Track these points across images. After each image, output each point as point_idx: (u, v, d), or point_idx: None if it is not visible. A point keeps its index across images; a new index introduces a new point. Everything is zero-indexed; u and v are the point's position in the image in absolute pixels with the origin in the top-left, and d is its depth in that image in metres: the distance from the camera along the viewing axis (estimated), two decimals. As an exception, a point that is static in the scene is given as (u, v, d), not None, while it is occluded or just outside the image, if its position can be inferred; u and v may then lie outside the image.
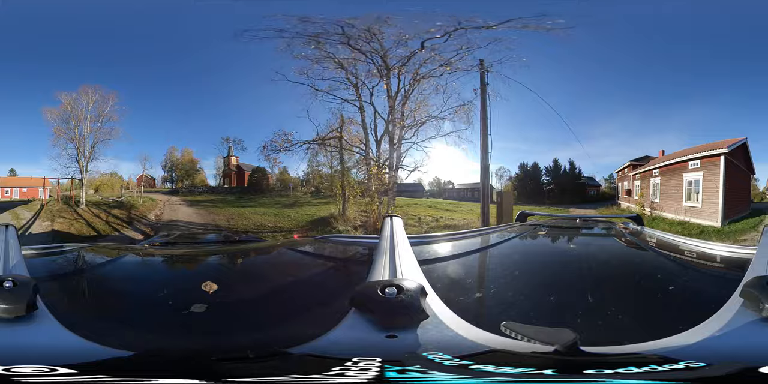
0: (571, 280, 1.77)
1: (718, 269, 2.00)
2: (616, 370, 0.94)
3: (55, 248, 2.41)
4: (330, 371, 0.97)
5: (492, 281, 1.73)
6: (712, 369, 0.94)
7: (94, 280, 1.92)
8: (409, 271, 1.36)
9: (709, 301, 1.22)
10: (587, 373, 0.94)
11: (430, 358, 1.00)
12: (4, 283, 1.15)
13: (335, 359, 1.01)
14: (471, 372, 0.95)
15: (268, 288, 1.80)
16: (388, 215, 1.85)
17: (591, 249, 2.51)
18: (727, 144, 9.38)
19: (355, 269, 1.98)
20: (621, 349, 1.04)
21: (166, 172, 19.10)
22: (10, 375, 0.92)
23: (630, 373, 0.94)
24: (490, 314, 1.35)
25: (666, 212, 10.28)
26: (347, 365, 0.97)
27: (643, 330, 1.19)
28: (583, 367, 0.95)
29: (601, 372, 0.94)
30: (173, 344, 1.25)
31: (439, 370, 0.95)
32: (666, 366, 0.95)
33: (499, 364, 0.97)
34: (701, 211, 9.43)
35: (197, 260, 2.54)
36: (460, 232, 2.98)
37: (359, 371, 0.96)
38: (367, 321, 1.11)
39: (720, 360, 0.96)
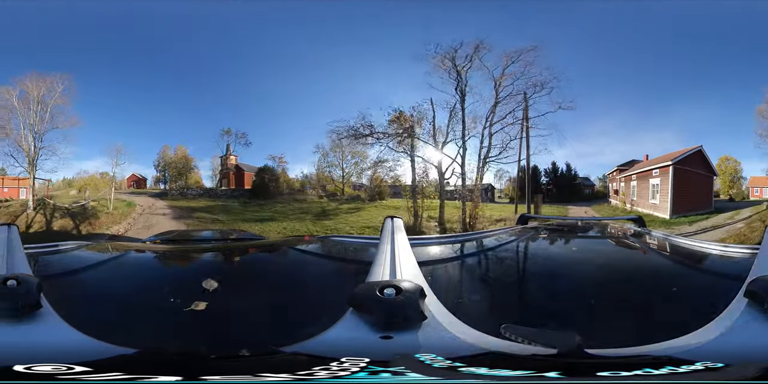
0: (572, 282, 1.77)
1: (721, 270, 1.99)
2: (634, 371, 0.93)
3: (57, 247, 2.42)
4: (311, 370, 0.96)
5: (492, 284, 1.73)
6: (732, 370, 0.93)
7: (96, 277, 1.94)
8: (409, 273, 1.36)
9: (714, 301, 1.21)
10: (601, 375, 0.93)
11: (421, 359, 0.99)
12: (8, 282, 1.16)
13: (324, 359, 1.00)
14: (459, 375, 0.94)
15: (268, 286, 1.81)
16: (389, 216, 1.86)
17: (593, 251, 2.51)
18: (674, 156, 12.05)
19: (354, 269, 1.99)
20: (628, 352, 1.03)
21: (159, 172, 17.24)
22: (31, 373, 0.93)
23: (649, 375, 0.93)
24: (489, 316, 1.35)
25: (639, 207, 13.29)
26: (332, 365, 0.97)
27: (648, 332, 1.18)
28: (593, 370, 0.94)
29: (617, 374, 0.92)
30: (174, 342, 1.26)
31: (425, 372, 0.94)
32: (683, 367, 0.94)
33: (495, 367, 0.96)
34: (659, 207, 12.48)
35: (198, 258, 2.55)
36: (460, 234, 2.99)
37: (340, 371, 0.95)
38: (365, 321, 1.11)
39: (730, 360, 0.95)
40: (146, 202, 15.14)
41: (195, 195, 16.11)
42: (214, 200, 15.89)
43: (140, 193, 16.43)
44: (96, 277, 1.94)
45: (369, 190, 16.46)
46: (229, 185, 16.86)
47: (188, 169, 16.90)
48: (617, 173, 15.66)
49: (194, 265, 2.39)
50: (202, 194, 16.28)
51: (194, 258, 2.57)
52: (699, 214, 12.20)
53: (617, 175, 15.66)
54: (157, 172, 17.29)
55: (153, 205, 14.73)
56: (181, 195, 16.09)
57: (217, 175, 17.19)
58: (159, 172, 17.25)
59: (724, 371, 0.93)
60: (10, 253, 1.57)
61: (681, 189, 12.05)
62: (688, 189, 12.16)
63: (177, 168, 16.80)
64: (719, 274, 1.93)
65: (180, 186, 16.61)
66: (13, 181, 14.61)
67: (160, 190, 16.95)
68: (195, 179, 17.09)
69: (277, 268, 2.31)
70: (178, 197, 15.92)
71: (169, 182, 17.03)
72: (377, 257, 1.48)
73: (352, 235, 2.74)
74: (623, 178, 15.16)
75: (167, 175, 17.07)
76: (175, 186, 16.66)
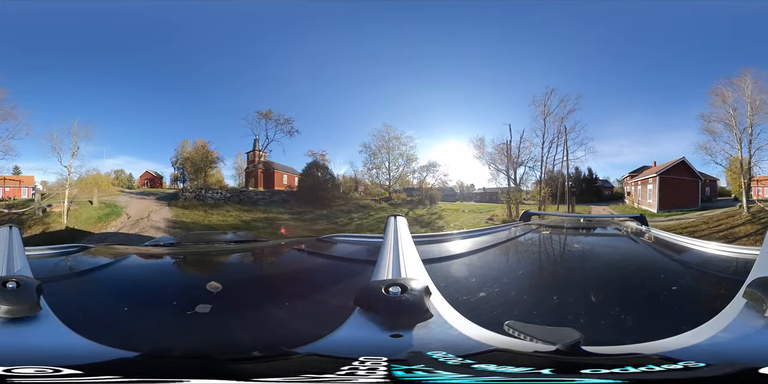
0: (574, 279, 1.78)
1: (722, 270, 1.99)
2: (612, 370, 0.94)
3: (59, 249, 2.42)
4: (339, 371, 0.96)
5: (496, 280, 1.72)
6: (710, 369, 0.93)
7: (98, 280, 1.93)
8: (414, 271, 1.36)
9: (713, 301, 1.22)
10: (584, 373, 0.94)
11: (434, 357, 1.00)
12: (8, 284, 1.15)
13: (342, 359, 1.00)
14: (474, 371, 0.95)
15: (272, 287, 1.80)
16: (392, 215, 1.85)
17: (594, 249, 2.51)
18: (658, 168, 16.56)
19: (359, 268, 1.98)
20: (622, 349, 1.04)
21: (176, 170, 14.18)
22: (11, 376, 0.92)
23: (626, 373, 0.94)
24: (494, 313, 1.35)
25: (642, 206, 17.15)
26: (355, 365, 0.97)
27: (647, 330, 1.19)
28: (580, 367, 0.95)
29: (597, 372, 0.94)
30: (178, 345, 1.25)
31: (444, 369, 0.95)
32: (664, 366, 0.95)
33: (500, 363, 0.97)
34: (653, 205, 16.47)
35: (201, 261, 2.55)
36: (464, 232, 2.98)
37: (368, 370, 0.95)
38: (372, 320, 1.11)
39: (721, 360, 0.96)
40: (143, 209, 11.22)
41: (218, 198, 11.78)
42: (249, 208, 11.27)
43: (151, 194, 13.34)
44: (97, 280, 1.93)
45: (420, 193, 15.60)
46: (256, 185, 13.51)
47: (208, 164, 13.38)
48: (629, 178, 19.17)
49: (197, 268, 2.39)
50: (228, 198, 12.02)
51: (197, 261, 2.56)
52: (681, 210, 15.96)
53: (629, 180, 19.17)
54: (174, 169, 14.37)
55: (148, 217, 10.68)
56: (198, 199, 11.89)
57: (241, 173, 14.00)
58: (176, 169, 14.29)
59: (700, 370, 0.94)
60: (10, 255, 1.56)
61: (668, 192, 16.17)
62: (675, 192, 16.28)
63: (195, 164, 13.33)
64: (720, 273, 1.93)
65: (197, 186, 12.65)
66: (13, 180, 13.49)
67: (176, 189, 13.79)
68: (217, 178, 13.89)
69: (282, 269, 2.30)
70: (194, 202, 11.65)
71: (187, 181, 13.81)
72: (381, 256, 1.48)
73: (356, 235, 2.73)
74: (633, 183, 18.71)
75: (185, 173, 13.99)
76: (192, 186, 12.90)
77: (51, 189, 12.81)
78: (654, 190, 16.49)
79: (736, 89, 13.87)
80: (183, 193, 12.20)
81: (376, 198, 14.83)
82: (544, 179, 16.63)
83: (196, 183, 12.94)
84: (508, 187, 16.38)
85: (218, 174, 13.75)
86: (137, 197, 12.58)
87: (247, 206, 11.31)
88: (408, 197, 15.53)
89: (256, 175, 13.52)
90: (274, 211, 11.10)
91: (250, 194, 11.83)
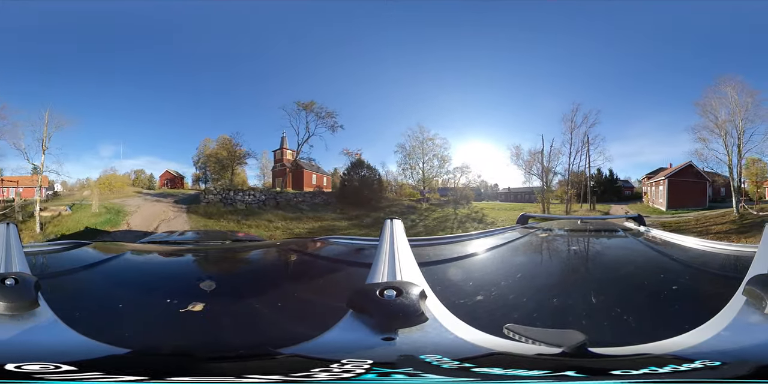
0: (573, 281, 1.77)
1: (721, 268, 2.00)
2: (641, 370, 0.94)
3: (56, 245, 2.41)
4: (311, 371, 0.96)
5: (493, 284, 1.72)
6: (730, 367, 0.94)
7: (95, 277, 1.93)
8: (409, 274, 1.35)
9: (713, 299, 1.21)
10: (614, 373, 0.94)
11: (427, 360, 0.99)
12: (6, 281, 1.16)
13: (323, 360, 1.00)
14: (474, 375, 0.95)
15: (266, 287, 1.80)
16: (388, 218, 1.85)
17: (593, 250, 2.51)
18: (668, 172, 18.25)
19: (354, 271, 1.98)
20: (631, 350, 1.03)
21: (198, 169, 12.76)
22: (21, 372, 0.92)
23: (655, 373, 0.94)
24: (492, 317, 1.35)
25: (656, 205, 18.75)
26: (332, 366, 0.96)
27: (650, 330, 1.19)
28: (605, 369, 0.95)
29: (628, 373, 0.93)
30: (169, 342, 1.25)
31: (437, 373, 0.94)
32: (685, 365, 0.95)
33: (508, 367, 0.97)
34: (663, 204, 18.11)
35: (197, 259, 2.54)
36: (460, 235, 2.98)
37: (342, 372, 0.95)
38: (365, 323, 1.10)
39: (728, 358, 0.96)
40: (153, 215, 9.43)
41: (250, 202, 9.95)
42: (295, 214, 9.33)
43: (170, 195, 11.88)
44: (94, 277, 1.93)
45: (455, 193, 16.32)
46: (285, 186, 12.17)
47: (236, 160, 11.71)
48: (647, 179, 20.51)
49: (192, 266, 2.39)
50: (263, 201, 10.30)
51: (192, 259, 2.56)
52: (687, 209, 17.42)
53: (647, 181, 20.53)
54: (196, 169, 12.93)
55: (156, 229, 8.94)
56: (225, 202, 9.98)
57: (267, 173, 12.69)
58: (198, 169, 12.85)
59: (721, 369, 0.94)
60: (8, 252, 1.56)
61: (677, 193, 17.85)
62: (683, 193, 17.90)
63: (221, 161, 11.62)
64: (719, 271, 1.94)
65: (223, 186, 10.72)
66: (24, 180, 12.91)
67: (198, 191, 12.04)
68: (242, 178, 12.69)
69: (276, 270, 2.30)
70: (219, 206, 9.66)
71: (210, 181, 12.19)
72: (377, 258, 1.47)
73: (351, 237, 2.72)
74: (649, 184, 20.21)
75: (207, 173, 12.48)
76: (216, 187, 10.94)
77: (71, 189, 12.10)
78: (663, 191, 18.39)
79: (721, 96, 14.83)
80: (205, 195, 10.48)
81: (413, 198, 14.83)
82: (570, 181, 18.10)
83: (221, 183, 11.25)
84: (542, 188, 17.58)
85: (243, 174, 12.45)
86: (153, 199, 11.01)
87: (290, 212, 9.74)
88: (442, 197, 15.92)
89: (284, 174, 12.06)
90: (327, 218, 9.72)
91: (289, 196, 10.19)
